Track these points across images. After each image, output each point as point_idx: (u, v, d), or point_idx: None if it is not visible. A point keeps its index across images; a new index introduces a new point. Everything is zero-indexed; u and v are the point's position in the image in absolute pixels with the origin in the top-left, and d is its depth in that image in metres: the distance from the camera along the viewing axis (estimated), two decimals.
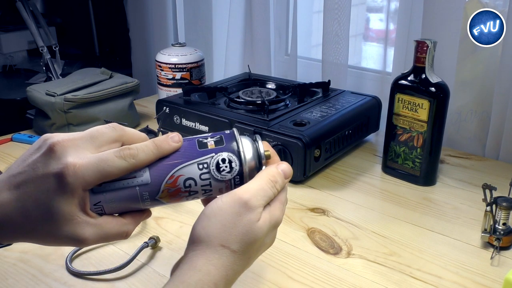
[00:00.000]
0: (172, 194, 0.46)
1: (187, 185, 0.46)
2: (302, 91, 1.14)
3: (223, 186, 0.47)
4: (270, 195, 0.47)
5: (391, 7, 1.24)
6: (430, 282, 0.68)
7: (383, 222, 0.82)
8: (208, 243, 0.44)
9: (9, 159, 1.05)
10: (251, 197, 0.45)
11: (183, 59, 1.27)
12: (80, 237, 0.42)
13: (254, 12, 1.34)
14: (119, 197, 0.45)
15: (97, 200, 0.44)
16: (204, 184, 0.46)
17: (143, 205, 0.46)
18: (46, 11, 2.07)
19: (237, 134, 0.48)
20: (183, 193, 0.46)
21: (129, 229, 0.46)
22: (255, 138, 0.49)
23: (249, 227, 0.45)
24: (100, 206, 0.44)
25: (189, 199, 0.47)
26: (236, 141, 0.47)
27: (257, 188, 0.46)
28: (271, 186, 0.47)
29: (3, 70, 1.89)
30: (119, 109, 1.16)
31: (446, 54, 1.04)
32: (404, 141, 0.93)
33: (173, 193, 0.46)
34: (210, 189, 0.47)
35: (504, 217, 0.73)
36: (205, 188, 0.46)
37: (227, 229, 0.44)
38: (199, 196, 0.47)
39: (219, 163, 0.46)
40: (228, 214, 0.44)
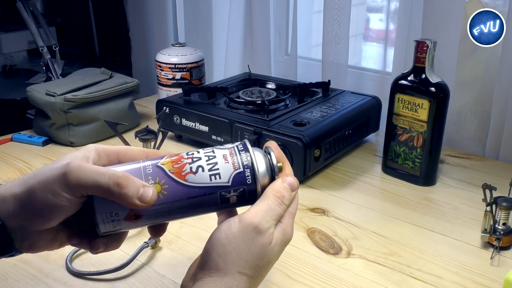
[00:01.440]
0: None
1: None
2: (302, 91, 1.14)
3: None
4: (279, 212, 0.48)
5: (391, 7, 1.24)
6: (430, 282, 0.68)
7: (383, 222, 0.82)
8: (225, 271, 0.45)
9: (9, 159, 1.05)
10: (261, 221, 0.46)
11: (183, 59, 1.27)
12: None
13: (254, 12, 1.34)
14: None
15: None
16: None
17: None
18: (46, 11, 2.07)
19: (250, 149, 0.48)
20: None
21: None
22: (267, 150, 0.49)
23: (263, 251, 0.46)
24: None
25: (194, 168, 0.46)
26: (251, 158, 0.47)
27: (265, 209, 0.47)
28: (278, 203, 0.47)
29: (3, 70, 1.89)
30: (119, 109, 1.16)
31: (446, 54, 1.04)
32: (404, 141, 0.93)
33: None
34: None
35: (504, 217, 0.73)
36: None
37: (243, 256, 0.46)
38: (202, 163, 0.46)
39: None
40: (242, 241, 0.45)
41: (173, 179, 0.45)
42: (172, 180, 0.45)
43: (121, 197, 0.43)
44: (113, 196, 0.43)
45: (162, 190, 0.45)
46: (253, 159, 0.47)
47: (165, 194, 0.45)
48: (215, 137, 1.02)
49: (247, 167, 0.46)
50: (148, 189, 0.44)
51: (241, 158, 0.46)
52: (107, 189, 0.43)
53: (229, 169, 0.46)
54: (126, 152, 0.50)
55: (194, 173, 0.45)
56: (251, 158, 0.47)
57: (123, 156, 0.49)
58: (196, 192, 0.45)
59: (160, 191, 0.45)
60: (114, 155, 0.49)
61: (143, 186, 0.44)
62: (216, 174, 0.46)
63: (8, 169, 1.00)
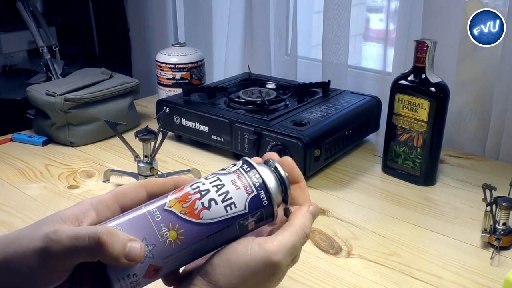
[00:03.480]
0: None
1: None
2: (302, 91, 1.14)
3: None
4: (299, 249, 0.44)
5: (391, 7, 1.24)
6: (430, 282, 0.68)
7: (383, 222, 0.82)
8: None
9: (9, 159, 1.05)
10: (282, 259, 0.42)
11: (183, 59, 1.27)
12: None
13: (254, 12, 1.34)
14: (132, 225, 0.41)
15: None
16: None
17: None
18: (46, 11, 2.07)
19: (260, 171, 0.44)
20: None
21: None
22: (271, 163, 0.45)
23: (269, 283, 0.43)
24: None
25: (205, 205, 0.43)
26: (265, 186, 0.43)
27: (290, 246, 0.43)
28: (303, 241, 0.44)
29: (3, 70, 1.89)
30: (119, 109, 1.16)
31: (446, 54, 1.04)
32: (404, 141, 0.93)
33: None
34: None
35: (504, 217, 0.73)
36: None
37: (248, 285, 0.42)
38: (213, 195, 0.42)
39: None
40: (253, 272, 0.41)
41: (187, 221, 0.41)
42: (186, 222, 0.41)
43: (106, 258, 0.38)
44: (98, 258, 0.38)
45: (178, 236, 0.41)
46: (263, 178, 0.43)
47: (182, 239, 0.41)
48: (215, 137, 1.02)
49: (260, 187, 0.43)
50: (136, 244, 0.39)
51: (251, 179, 0.43)
52: (90, 252, 0.38)
53: (242, 195, 0.42)
54: (124, 192, 0.45)
55: (207, 209, 0.41)
56: (261, 176, 0.43)
57: (121, 198, 0.45)
58: (214, 228, 0.42)
59: (177, 238, 0.41)
60: (113, 201, 0.44)
61: (130, 241, 0.38)
62: (231, 204, 0.42)
63: (8, 169, 1.00)
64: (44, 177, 0.97)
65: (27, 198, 0.90)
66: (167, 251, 0.41)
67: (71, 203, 0.88)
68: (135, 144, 0.87)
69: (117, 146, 1.10)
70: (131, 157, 0.89)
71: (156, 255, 0.40)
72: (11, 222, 0.82)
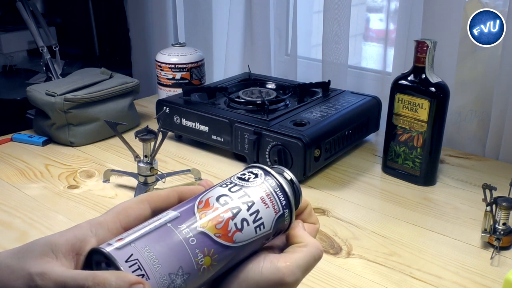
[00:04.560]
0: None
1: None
2: (302, 91, 1.14)
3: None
4: (313, 267, 0.42)
5: (391, 7, 1.24)
6: (430, 282, 0.68)
7: (383, 222, 0.82)
8: None
9: (9, 159, 1.05)
10: (295, 281, 0.39)
11: (183, 59, 1.27)
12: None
13: (254, 12, 1.34)
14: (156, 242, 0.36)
15: (128, 254, 0.34)
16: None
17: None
18: (46, 11, 2.07)
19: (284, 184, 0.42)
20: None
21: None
22: (284, 174, 0.43)
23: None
24: (135, 262, 0.34)
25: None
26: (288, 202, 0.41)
27: (304, 268, 0.40)
28: (319, 259, 0.42)
29: (3, 70, 1.89)
30: (119, 109, 1.16)
31: (446, 54, 1.04)
32: (404, 141, 0.93)
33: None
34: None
35: (504, 217, 0.73)
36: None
37: None
38: (245, 215, 0.39)
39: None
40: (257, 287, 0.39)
41: (221, 245, 0.37)
42: (220, 247, 0.37)
43: None
44: None
45: (212, 262, 0.36)
46: (289, 195, 0.41)
47: (215, 265, 0.37)
48: (215, 137, 1.02)
49: (286, 206, 0.41)
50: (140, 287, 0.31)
51: (278, 197, 0.41)
52: None
53: (271, 215, 0.40)
54: (127, 212, 0.39)
55: (240, 231, 0.38)
56: (286, 194, 0.41)
57: (124, 219, 0.38)
58: (243, 250, 0.39)
59: (210, 264, 0.36)
60: (116, 223, 0.38)
61: (129, 285, 0.31)
62: (261, 225, 0.39)
63: (8, 169, 1.00)
64: (44, 177, 0.97)
65: (27, 198, 0.90)
66: (200, 279, 0.36)
67: (71, 203, 0.88)
68: (135, 144, 0.87)
69: (117, 146, 1.10)
70: (131, 157, 0.89)
71: (189, 285, 0.35)
72: (11, 222, 0.82)
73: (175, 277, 0.34)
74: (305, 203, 0.46)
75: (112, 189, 0.93)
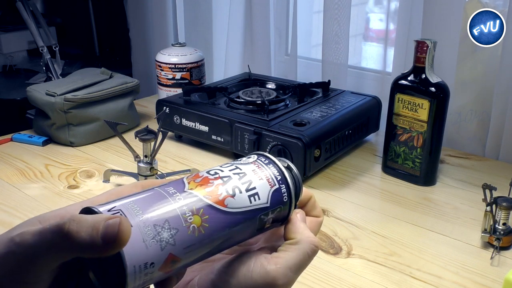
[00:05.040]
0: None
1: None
2: (302, 91, 1.14)
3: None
4: (307, 265, 0.40)
5: (391, 7, 1.24)
6: (430, 282, 0.68)
7: (383, 222, 0.82)
8: None
9: (9, 159, 1.05)
10: (287, 283, 0.38)
11: (183, 59, 1.27)
12: None
13: (254, 12, 1.34)
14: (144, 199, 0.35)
15: (111, 206, 0.34)
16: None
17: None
18: (46, 11, 2.07)
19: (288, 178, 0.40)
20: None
21: None
22: (283, 163, 0.41)
23: None
24: (118, 211, 0.33)
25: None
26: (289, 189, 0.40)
27: (296, 268, 0.38)
28: (311, 258, 0.40)
29: (3, 70, 1.89)
30: (119, 109, 1.16)
31: (446, 54, 1.04)
32: (404, 141, 0.93)
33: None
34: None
35: (504, 217, 0.73)
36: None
37: None
38: (237, 183, 0.38)
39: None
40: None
41: (212, 207, 0.36)
42: (211, 208, 0.36)
43: (79, 250, 0.30)
44: (71, 253, 0.31)
45: (202, 222, 0.35)
46: (284, 172, 0.40)
47: (206, 227, 0.35)
48: (215, 137, 1.02)
49: (281, 182, 0.39)
50: (113, 221, 0.29)
51: (272, 171, 0.39)
52: (59, 248, 0.30)
53: (266, 187, 0.38)
54: (119, 193, 0.38)
55: (232, 196, 0.37)
56: (281, 170, 0.40)
57: (117, 198, 0.38)
58: (238, 219, 0.37)
59: (201, 225, 0.35)
60: (107, 201, 0.38)
61: (105, 220, 0.29)
62: (255, 194, 0.38)
63: (8, 169, 1.00)
64: (44, 177, 0.97)
65: (27, 198, 0.90)
66: (190, 239, 0.35)
67: (71, 203, 0.88)
68: (135, 144, 0.87)
69: (117, 146, 1.10)
70: (131, 157, 0.89)
71: (178, 243, 0.34)
72: (11, 222, 0.82)
73: (160, 230, 0.33)
74: (308, 194, 0.44)
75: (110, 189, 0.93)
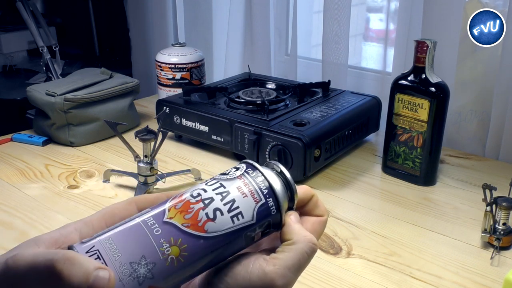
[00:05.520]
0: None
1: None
2: (302, 91, 1.14)
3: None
4: (306, 265, 0.39)
5: (391, 7, 1.24)
6: (430, 282, 0.68)
7: (383, 222, 0.82)
8: None
9: (9, 159, 1.05)
10: (286, 283, 0.37)
11: (183, 59, 1.27)
12: None
13: (254, 12, 1.34)
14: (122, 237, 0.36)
15: (90, 246, 0.35)
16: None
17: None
18: (46, 11, 2.07)
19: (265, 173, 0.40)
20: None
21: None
22: (275, 167, 0.41)
23: None
24: (95, 252, 0.35)
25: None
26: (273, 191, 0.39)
27: (295, 269, 0.38)
28: (310, 257, 0.39)
29: (3, 70, 1.89)
30: (119, 109, 1.16)
31: (446, 54, 1.04)
32: (404, 141, 0.93)
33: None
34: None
35: (504, 217, 0.73)
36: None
37: None
38: (218, 205, 0.38)
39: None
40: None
41: (190, 235, 0.36)
42: (190, 236, 0.36)
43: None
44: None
45: (181, 252, 0.36)
46: (271, 183, 0.39)
47: (186, 256, 0.36)
48: (215, 137, 1.02)
49: (268, 195, 0.39)
50: (103, 274, 0.31)
51: (258, 185, 0.39)
52: (48, 283, 0.31)
53: (250, 204, 0.38)
54: (112, 212, 0.39)
55: (212, 220, 0.37)
56: (268, 182, 0.39)
57: (110, 219, 0.39)
58: (220, 242, 0.37)
59: (179, 254, 0.36)
60: (100, 222, 0.39)
61: (96, 270, 0.31)
62: (238, 214, 0.38)
63: (8, 169, 1.00)
64: (44, 177, 0.97)
65: (27, 198, 0.90)
66: (169, 269, 0.36)
67: (71, 203, 0.88)
68: (135, 144, 0.88)
69: (117, 146, 1.10)
70: (131, 157, 0.89)
71: (156, 275, 0.35)
72: (11, 222, 0.82)
73: (137, 266, 0.34)
74: (309, 193, 0.44)
75: (112, 189, 0.93)
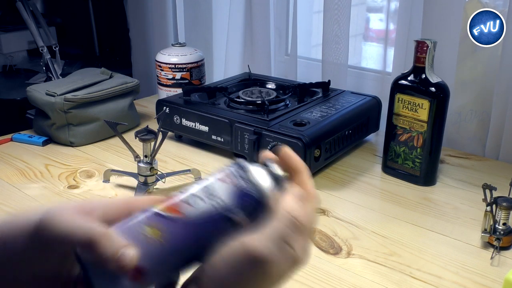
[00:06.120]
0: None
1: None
2: (302, 91, 1.14)
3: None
4: (290, 237, 0.38)
5: (391, 7, 1.24)
6: (430, 282, 0.68)
7: (383, 222, 0.82)
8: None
9: (9, 159, 1.05)
10: (264, 251, 0.36)
11: (183, 59, 1.27)
12: None
13: (254, 12, 1.34)
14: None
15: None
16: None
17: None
18: (46, 11, 2.07)
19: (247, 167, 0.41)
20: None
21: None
22: (266, 162, 0.42)
23: (263, 283, 0.38)
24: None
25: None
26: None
27: (273, 236, 0.37)
28: (293, 226, 0.38)
29: (3, 70, 1.89)
30: (119, 109, 1.16)
31: (446, 54, 1.04)
32: (404, 141, 0.93)
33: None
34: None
35: (504, 217, 0.73)
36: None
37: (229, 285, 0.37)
38: (198, 193, 0.40)
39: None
40: (238, 272, 0.37)
41: (169, 218, 0.39)
42: (168, 220, 0.39)
43: (95, 257, 0.36)
44: (88, 254, 0.36)
45: (162, 234, 0.39)
46: (252, 171, 0.41)
47: (166, 237, 0.39)
48: (215, 137, 1.02)
49: (248, 182, 0.40)
50: (129, 251, 0.36)
51: (239, 174, 0.41)
52: (82, 245, 0.36)
53: (228, 189, 0.40)
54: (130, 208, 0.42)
55: (191, 205, 0.39)
56: (249, 170, 0.41)
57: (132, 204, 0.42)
58: (201, 225, 0.39)
59: (160, 236, 0.39)
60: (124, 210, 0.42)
61: (124, 247, 0.36)
62: (217, 199, 0.40)
63: (8, 169, 1.00)
64: (44, 177, 0.97)
65: (27, 198, 0.90)
66: (151, 250, 0.39)
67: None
68: (135, 144, 0.88)
69: (117, 146, 1.10)
70: (131, 157, 0.89)
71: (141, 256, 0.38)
72: None
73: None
74: (298, 169, 0.42)
75: (112, 189, 0.93)
